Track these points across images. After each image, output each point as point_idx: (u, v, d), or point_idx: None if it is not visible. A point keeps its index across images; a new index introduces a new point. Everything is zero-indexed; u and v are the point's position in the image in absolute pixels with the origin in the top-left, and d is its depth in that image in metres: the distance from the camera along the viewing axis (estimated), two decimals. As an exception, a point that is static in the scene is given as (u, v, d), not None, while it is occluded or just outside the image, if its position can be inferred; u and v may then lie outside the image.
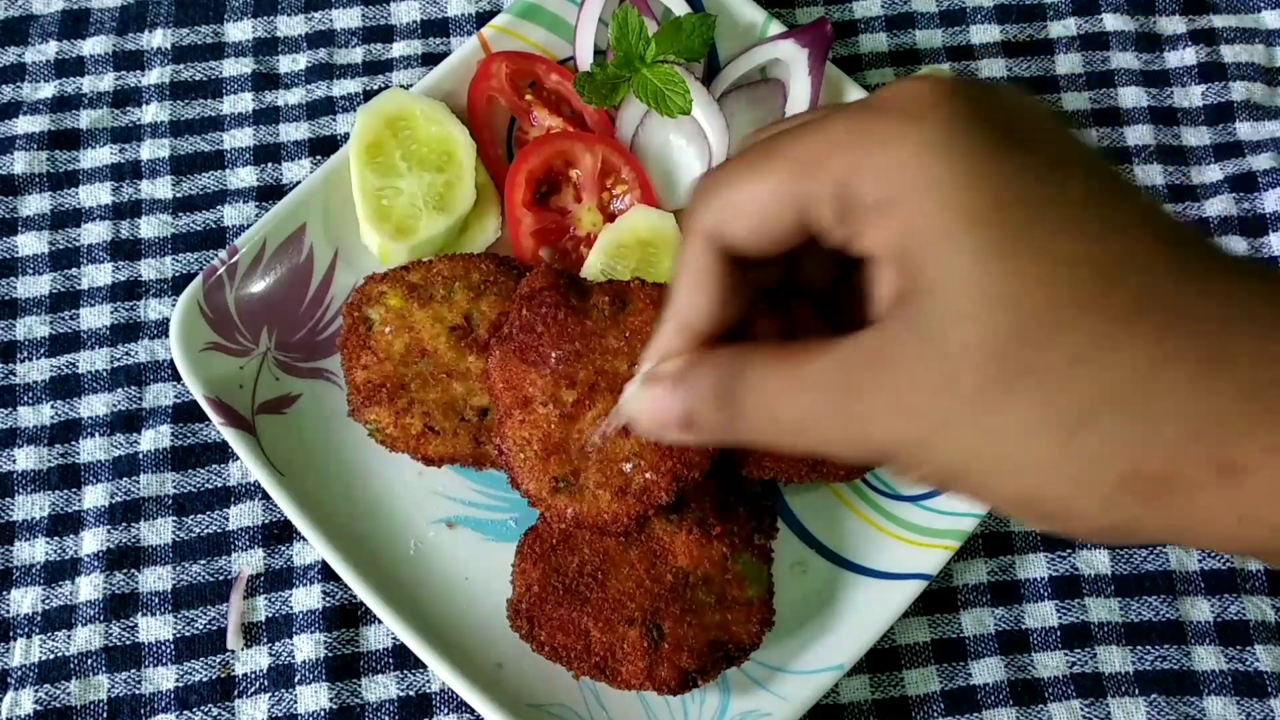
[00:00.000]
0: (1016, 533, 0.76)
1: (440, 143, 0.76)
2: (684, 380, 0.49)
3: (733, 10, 0.82)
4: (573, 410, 0.65)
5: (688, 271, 0.49)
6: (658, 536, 0.67)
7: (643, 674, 0.64)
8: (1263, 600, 0.74)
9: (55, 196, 0.84)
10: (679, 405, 0.49)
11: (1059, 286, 0.38)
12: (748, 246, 0.47)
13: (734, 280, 0.49)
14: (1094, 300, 0.38)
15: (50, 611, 0.74)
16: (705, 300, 0.49)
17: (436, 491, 0.74)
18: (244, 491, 0.76)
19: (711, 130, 0.77)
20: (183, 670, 0.73)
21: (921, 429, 0.41)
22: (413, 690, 0.72)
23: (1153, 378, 0.37)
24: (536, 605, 0.66)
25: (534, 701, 0.68)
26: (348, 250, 0.77)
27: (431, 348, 0.70)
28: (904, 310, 0.41)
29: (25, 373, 0.79)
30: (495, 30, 0.80)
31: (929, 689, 0.73)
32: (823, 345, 0.44)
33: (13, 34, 0.88)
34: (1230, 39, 0.88)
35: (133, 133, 0.85)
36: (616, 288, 0.68)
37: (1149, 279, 0.38)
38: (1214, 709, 0.72)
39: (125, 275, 0.81)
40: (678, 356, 0.50)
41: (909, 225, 0.40)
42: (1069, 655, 0.73)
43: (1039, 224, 0.39)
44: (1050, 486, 0.39)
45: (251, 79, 0.87)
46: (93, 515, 0.76)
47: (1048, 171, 0.40)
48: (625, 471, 0.64)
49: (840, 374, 0.43)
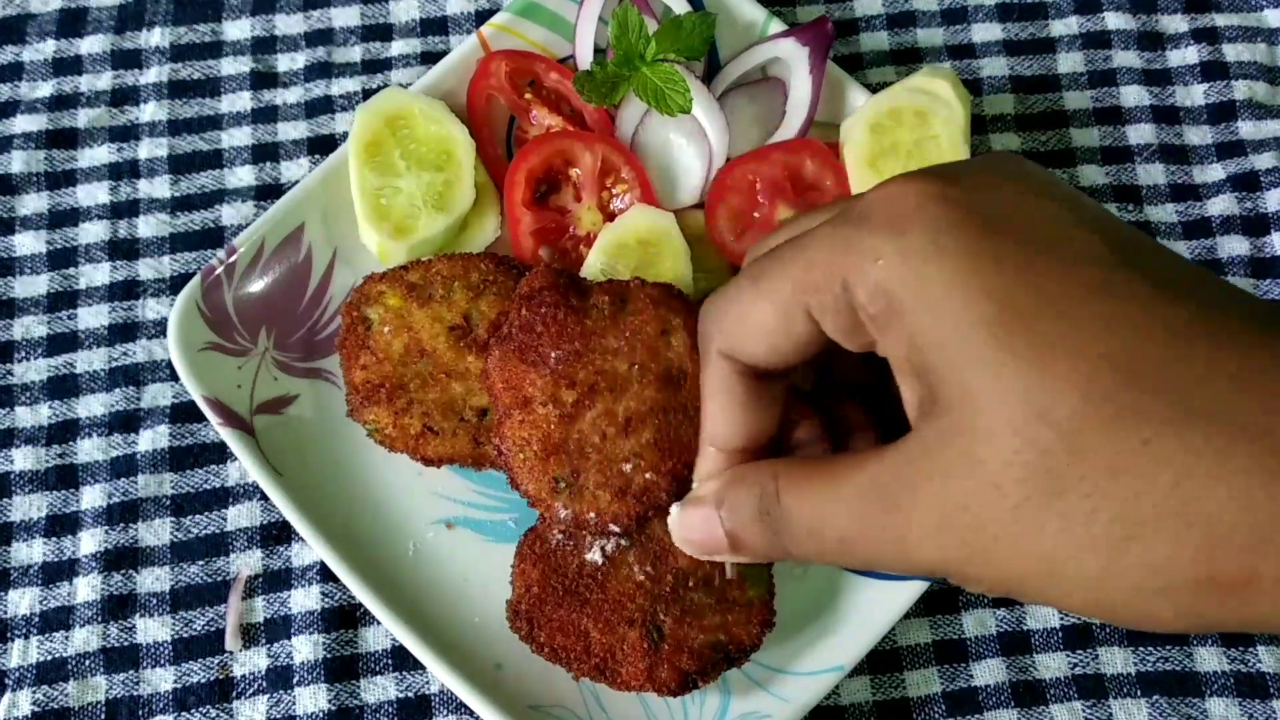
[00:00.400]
0: (1018, 533, 0.76)
1: (439, 142, 0.76)
2: (723, 503, 0.49)
3: (733, 8, 0.82)
4: (572, 410, 0.65)
5: (712, 395, 0.49)
6: (658, 537, 0.66)
7: (643, 675, 0.64)
8: (1265, 601, 0.74)
9: (53, 196, 0.83)
10: (722, 528, 0.49)
11: (1088, 394, 0.37)
12: (767, 362, 0.47)
13: (760, 393, 0.49)
14: (1127, 406, 0.37)
15: (48, 612, 0.74)
16: (734, 420, 0.49)
17: (435, 492, 0.73)
18: (242, 492, 0.76)
19: (712, 129, 0.77)
20: (181, 671, 0.72)
21: (969, 549, 0.40)
22: (412, 692, 0.72)
23: (1208, 483, 0.36)
24: (536, 606, 0.66)
25: (533, 703, 0.68)
26: (346, 250, 0.77)
27: (430, 348, 0.69)
28: (933, 424, 0.40)
29: (23, 373, 0.79)
30: (494, 28, 0.80)
31: (930, 690, 0.72)
32: (857, 461, 0.43)
33: (10, 32, 0.88)
34: (1232, 38, 0.88)
35: (131, 132, 0.85)
36: (616, 287, 0.68)
37: (1190, 380, 0.37)
38: (1216, 710, 0.72)
39: (123, 275, 0.81)
40: (716, 477, 0.49)
41: (915, 338, 0.40)
42: (1070, 656, 0.73)
43: (1052, 326, 0.37)
44: (1114, 595, 0.39)
45: (250, 78, 0.87)
46: (90, 516, 0.75)
47: (1050, 264, 0.38)
48: (625, 471, 0.64)
49: (875, 490, 0.42)
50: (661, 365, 0.65)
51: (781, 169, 0.76)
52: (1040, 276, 0.38)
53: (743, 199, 0.77)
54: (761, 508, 0.47)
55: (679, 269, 0.73)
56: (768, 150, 0.77)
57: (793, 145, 0.77)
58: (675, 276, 0.73)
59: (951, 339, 0.39)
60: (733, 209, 0.76)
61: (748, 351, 0.47)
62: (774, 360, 0.47)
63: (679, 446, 0.64)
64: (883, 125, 0.76)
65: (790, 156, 0.76)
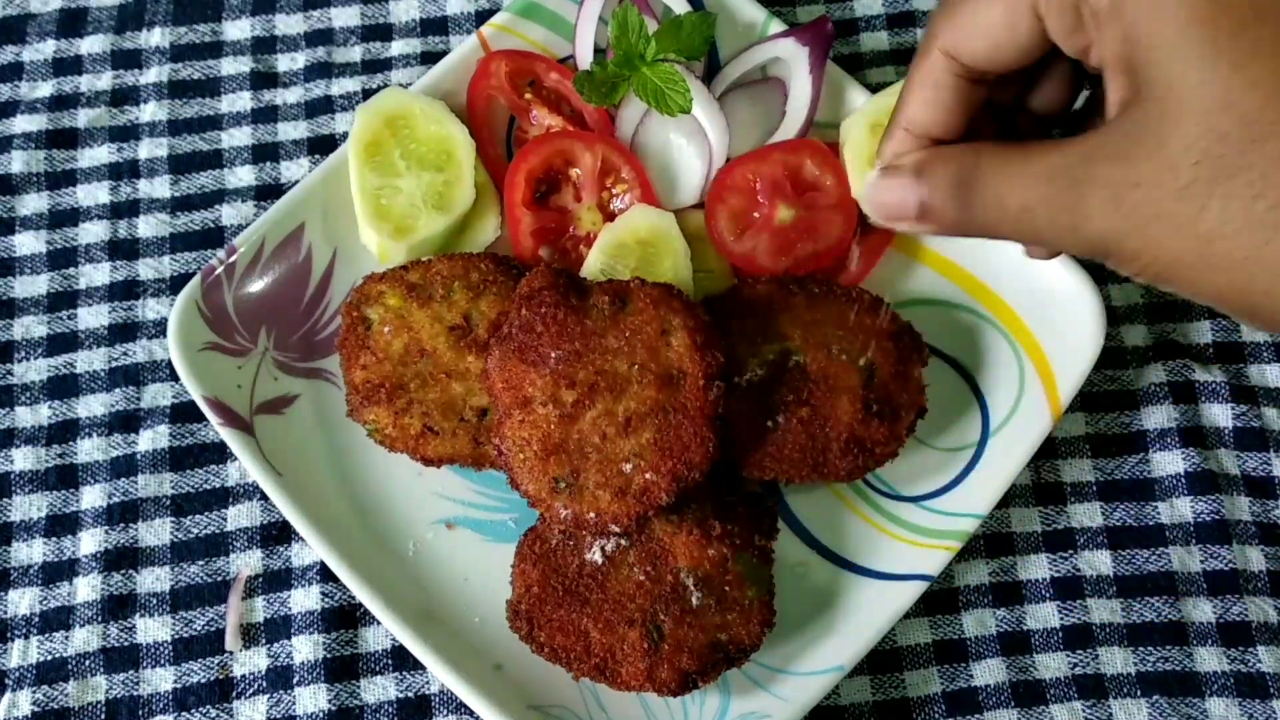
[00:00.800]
0: (1018, 534, 0.76)
1: (439, 142, 0.76)
2: (923, 171, 0.52)
3: (733, 9, 0.82)
4: (572, 410, 0.65)
5: (921, 84, 0.52)
6: (658, 537, 0.66)
7: (643, 675, 0.64)
8: (1265, 601, 0.74)
9: (53, 196, 0.83)
10: (916, 195, 0.52)
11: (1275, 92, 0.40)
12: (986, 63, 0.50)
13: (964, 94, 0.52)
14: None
15: (48, 612, 0.74)
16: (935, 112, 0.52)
17: (435, 492, 0.73)
18: (242, 492, 0.76)
19: (712, 129, 0.77)
20: (181, 671, 0.72)
21: (1133, 221, 0.44)
22: (412, 691, 0.72)
23: None
24: (536, 606, 0.66)
25: (533, 703, 0.68)
26: (346, 250, 0.77)
27: (430, 347, 0.69)
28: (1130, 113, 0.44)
29: (23, 373, 0.79)
30: (494, 29, 0.80)
31: (930, 690, 0.72)
32: (1054, 144, 0.47)
33: (10, 33, 0.88)
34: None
35: (131, 132, 0.85)
36: (616, 287, 0.68)
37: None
38: (1216, 710, 0.72)
39: (123, 275, 0.81)
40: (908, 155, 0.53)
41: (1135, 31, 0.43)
42: (1071, 656, 0.73)
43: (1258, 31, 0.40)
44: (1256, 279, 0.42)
45: (250, 78, 0.87)
46: (90, 516, 0.75)
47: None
48: (625, 472, 0.64)
49: (1065, 168, 0.46)
50: (661, 365, 0.65)
51: (781, 169, 0.76)
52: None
53: (743, 199, 0.77)
54: (960, 179, 0.50)
55: (679, 269, 0.73)
56: (767, 150, 0.77)
57: (792, 145, 0.77)
58: (675, 276, 0.73)
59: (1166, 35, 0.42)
60: (733, 209, 0.76)
61: (969, 48, 0.50)
62: (992, 60, 0.50)
63: (679, 446, 0.64)
64: (883, 125, 0.75)
65: (790, 156, 0.76)
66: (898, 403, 0.69)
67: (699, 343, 0.66)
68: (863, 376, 0.69)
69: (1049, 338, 0.74)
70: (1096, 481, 0.77)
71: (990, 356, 0.76)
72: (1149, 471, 0.77)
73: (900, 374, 0.69)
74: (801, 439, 0.68)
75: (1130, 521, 0.76)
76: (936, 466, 0.74)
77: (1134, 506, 0.76)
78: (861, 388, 0.68)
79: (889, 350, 0.69)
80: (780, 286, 0.72)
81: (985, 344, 0.76)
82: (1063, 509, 0.76)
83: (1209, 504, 0.75)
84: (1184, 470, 0.76)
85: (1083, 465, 0.77)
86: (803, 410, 0.68)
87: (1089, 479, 0.77)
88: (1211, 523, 0.75)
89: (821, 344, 0.69)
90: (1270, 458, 0.77)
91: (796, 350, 0.69)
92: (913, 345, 0.71)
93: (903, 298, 0.77)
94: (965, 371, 0.76)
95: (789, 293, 0.71)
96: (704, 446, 0.64)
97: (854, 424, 0.68)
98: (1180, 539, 0.75)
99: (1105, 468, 0.77)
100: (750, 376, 0.69)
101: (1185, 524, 0.75)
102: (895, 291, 0.77)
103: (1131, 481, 0.77)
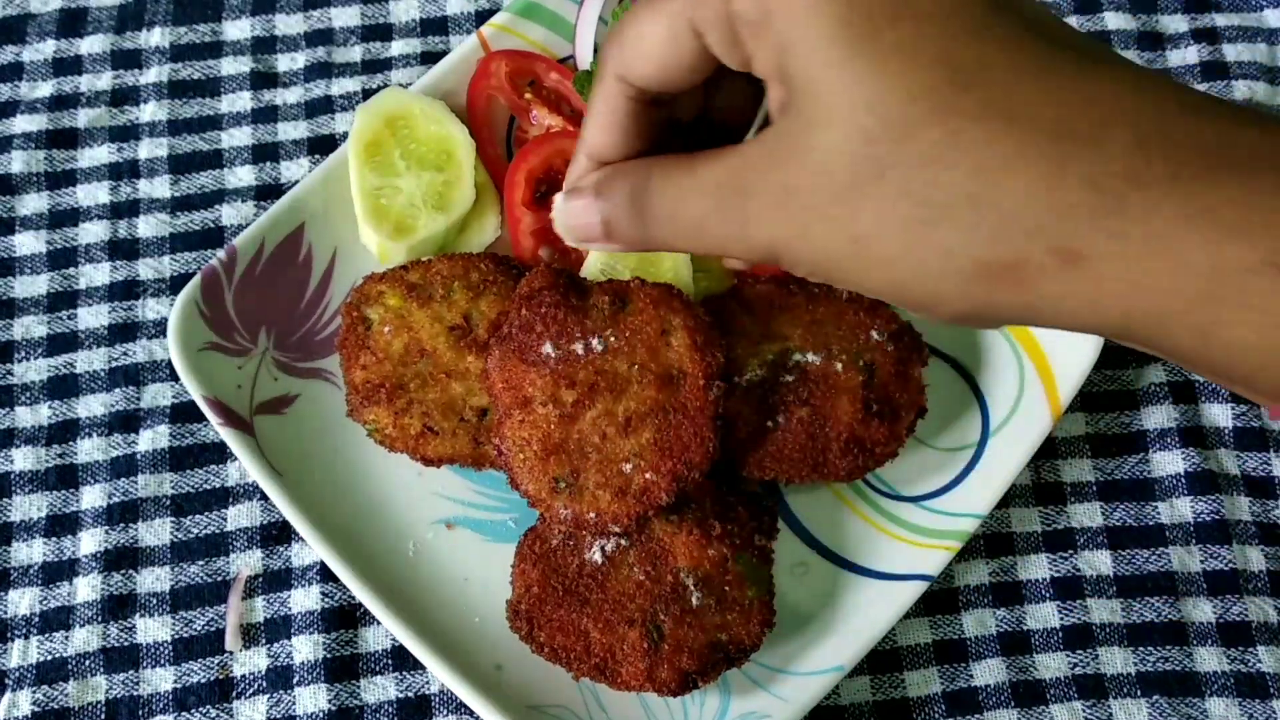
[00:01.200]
0: (1018, 534, 0.76)
1: (439, 142, 0.76)
2: (602, 190, 0.52)
3: (733, 9, 0.81)
4: (572, 410, 0.65)
5: (598, 111, 0.52)
6: (658, 537, 0.66)
7: (643, 675, 0.64)
8: (1265, 601, 0.74)
9: (53, 196, 0.83)
10: (598, 213, 0.52)
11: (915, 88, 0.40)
12: (658, 84, 0.50)
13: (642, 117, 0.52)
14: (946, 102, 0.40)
15: (48, 612, 0.74)
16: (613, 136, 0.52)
17: (436, 492, 0.73)
18: (242, 492, 0.76)
19: (712, 129, 0.77)
20: (181, 671, 0.72)
21: (795, 227, 0.45)
22: (412, 692, 0.72)
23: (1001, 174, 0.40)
24: (536, 606, 0.66)
25: (534, 703, 0.68)
26: (346, 250, 0.77)
27: (430, 348, 0.69)
28: (785, 120, 0.44)
29: (23, 373, 0.79)
30: (494, 28, 0.80)
31: (930, 690, 0.72)
32: (718, 153, 0.48)
33: (10, 32, 0.88)
34: (1232, 38, 0.88)
35: (131, 132, 0.85)
36: (616, 287, 0.68)
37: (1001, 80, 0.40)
38: (1216, 710, 0.72)
39: (123, 275, 0.81)
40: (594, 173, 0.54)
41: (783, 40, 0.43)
42: (1071, 656, 0.73)
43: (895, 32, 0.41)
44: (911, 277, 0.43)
45: (250, 78, 0.87)
46: (90, 516, 0.75)
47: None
48: (625, 472, 0.64)
49: (729, 177, 0.47)
50: (661, 365, 0.65)
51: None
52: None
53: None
54: (634, 193, 0.51)
55: (679, 269, 0.73)
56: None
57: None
58: (675, 276, 0.73)
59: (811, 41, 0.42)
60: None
61: (639, 72, 0.50)
62: (663, 81, 0.50)
63: (679, 446, 0.64)
64: None
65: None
66: (898, 403, 0.69)
67: (699, 343, 0.66)
68: (863, 376, 0.69)
69: (1049, 338, 0.74)
70: (1096, 481, 0.77)
71: (990, 356, 0.76)
72: (1149, 471, 0.77)
73: (900, 374, 0.69)
74: (801, 439, 0.68)
75: (1130, 521, 0.76)
76: (936, 466, 0.74)
77: (1134, 506, 0.76)
78: (861, 388, 0.68)
79: (889, 350, 0.69)
80: (780, 286, 0.72)
81: (985, 344, 0.76)
82: (1063, 509, 0.76)
83: (1209, 504, 0.75)
84: (1184, 470, 0.76)
85: (1083, 465, 0.77)
86: (803, 410, 0.68)
87: (1089, 479, 0.77)
88: (1211, 523, 0.75)
89: (821, 344, 0.69)
90: (1270, 458, 0.77)
91: (796, 350, 0.69)
92: (913, 345, 0.71)
93: (903, 298, 0.76)
94: (965, 371, 0.76)
95: (789, 293, 0.71)
96: (704, 446, 0.64)
97: (854, 424, 0.68)
98: (1180, 539, 0.75)
99: (1105, 468, 0.77)
100: (750, 376, 0.69)
101: (1185, 524, 0.75)
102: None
103: (1131, 481, 0.77)
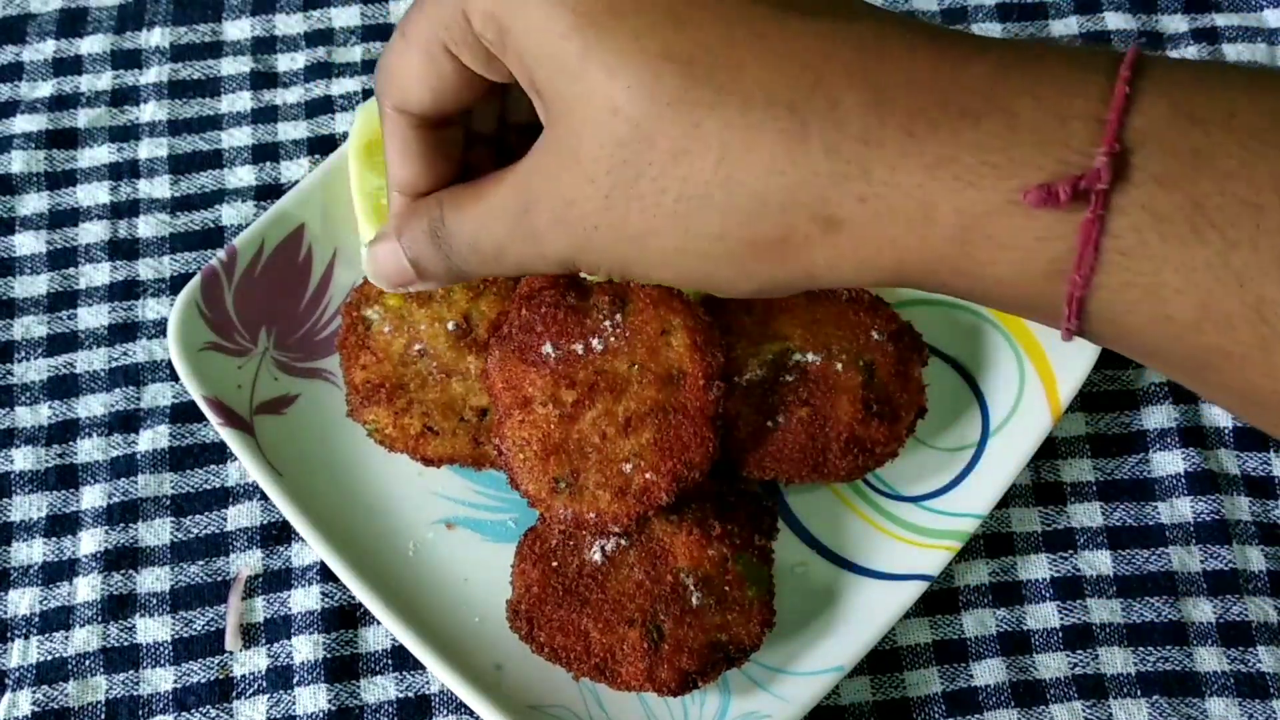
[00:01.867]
0: (1018, 534, 0.76)
1: (439, 142, 0.76)
2: (402, 231, 0.52)
3: (733, 9, 0.81)
4: (572, 410, 0.65)
5: (391, 145, 0.52)
6: (658, 537, 0.66)
7: (643, 675, 0.64)
8: (1265, 601, 0.74)
9: (53, 196, 0.83)
10: (404, 255, 0.52)
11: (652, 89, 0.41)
12: (437, 108, 0.49)
13: (436, 141, 0.51)
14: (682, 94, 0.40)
15: (48, 612, 0.74)
16: (414, 165, 0.52)
17: (436, 492, 0.73)
18: (242, 492, 0.76)
19: (711, 129, 0.77)
20: (181, 671, 0.72)
21: (579, 237, 0.45)
22: (412, 692, 0.72)
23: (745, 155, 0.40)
24: (536, 606, 0.66)
25: (534, 703, 0.68)
26: (347, 250, 0.77)
27: (430, 347, 0.69)
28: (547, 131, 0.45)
29: (22, 373, 0.79)
30: (494, 29, 0.80)
31: (930, 690, 0.72)
32: (501, 175, 0.48)
33: (10, 32, 0.88)
34: (1232, 38, 0.88)
35: (130, 132, 0.85)
36: (616, 288, 0.68)
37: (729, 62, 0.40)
38: (1216, 710, 0.72)
39: (123, 275, 0.81)
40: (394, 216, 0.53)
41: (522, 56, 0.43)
42: (1071, 656, 0.73)
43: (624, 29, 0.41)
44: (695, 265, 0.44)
45: (250, 78, 0.87)
46: (90, 516, 0.75)
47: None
48: (625, 472, 0.64)
49: (513, 197, 0.47)
50: (661, 365, 0.65)
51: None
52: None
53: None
54: (431, 229, 0.51)
55: (679, 269, 0.73)
56: (768, 150, 0.77)
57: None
58: (675, 276, 0.73)
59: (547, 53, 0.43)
60: (733, 209, 0.76)
61: (414, 101, 0.50)
62: (441, 105, 0.50)
63: (679, 446, 0.64)
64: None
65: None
66: (898, 403, 0.69)
67: (699, 343, 0.66)
68: (863, 376, 0.69)
69: (1049, 338, 0.74)
70: (1096, 481, 0.77)
71: (990, 356, 0.76)
72: (1149, 471, 0.77)
73: (900, 374, 0.69)
74: (801, 439, 0.68)
75: (1130, 521, 0.76)
76: (936, 466, 0.74)
77: (1134, 506, 0.76)
78: (861, 388, 0.68)
79: (889, 350, 0.69)
80: (780, 286, 0.72)
81: (985, 344, 0.76)
82: (1063, 509, 0.76)
83: (1209, 504, 0.75)
84: (1184, 470, 0.76)
85: (1083, 465, 0.77)
86: (803, 410, 0.68)
87: (1089, 479, 0.77)
88: (1211, 523, 0.75)
89: (821, 344, 0.69)
90: (1270, 458, 0.77)
91: (796, 350, 0.69)
92: (913, 345, 0.71)
93: (903, 298, 0.77)
94: (965, 371, 0.76)
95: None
96: (704, 446, 0.64)
97: (854, 424, 0.68)
98: (1180, 539, 0.75)
99: (1105, 468, 0.77)
100: (750, 376, 0.69)
101: (1185, 524, 0.76)
102: (895, 291, 0.77)
103: (1131, 481, 0.77)
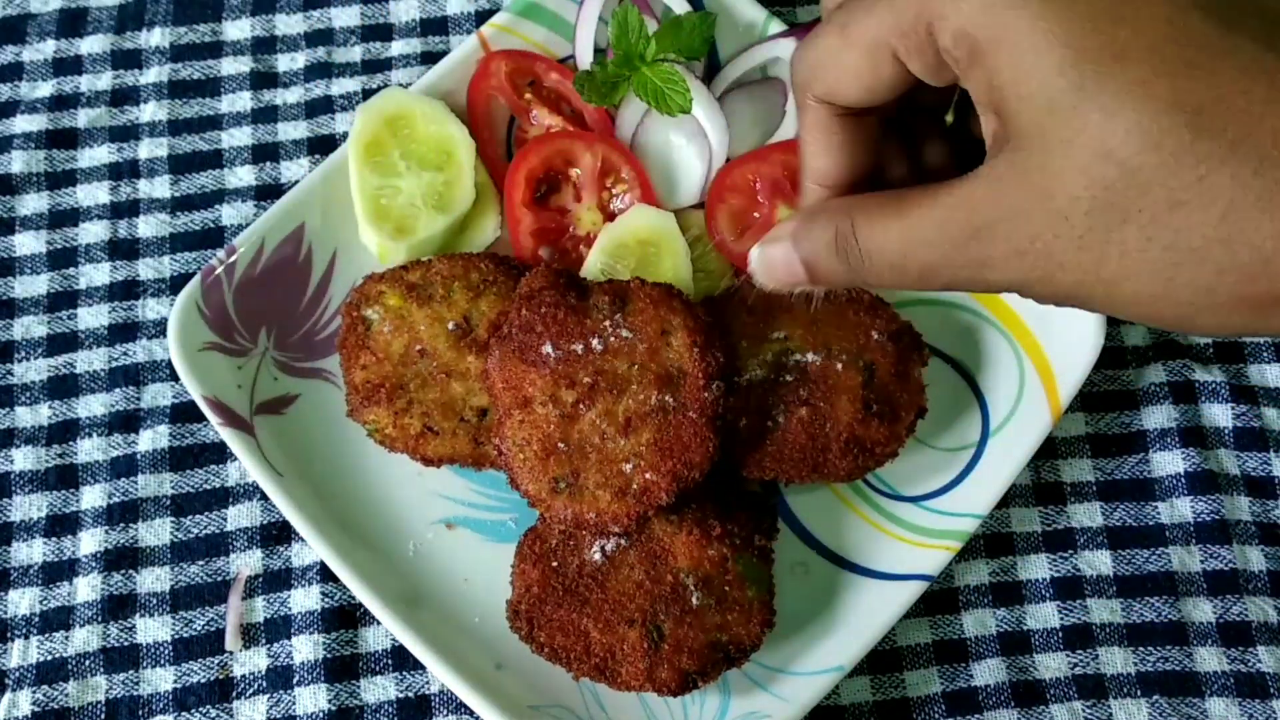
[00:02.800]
0: (1018, 534, 0.76)
1: (439, 142, 0.76)
2: (800, 235, 0.52)
3: (733, 9, 0.81)
4: (572, 410, 0.65)
5: (810, 136, 0.53)
6: (658, 537, 0.66)
7: (643, 675, 0.64)
8: (1265, 601, 0.74)
9: (53, 196, 0.83)
10: (798, 258, 0.53)
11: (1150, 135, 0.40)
12: (861, 102, 0.50)
13: (855, 130, 0.52)
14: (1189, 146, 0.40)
15: (48, 612, 0.73)
16: (833, 158, 0.53)
17: (436, 492, 0.73)
18: (242, 492, 0.76)
19: (712, 129, 0.77)
20: (181, 671, 0.72)
21: (1039, 272, 0.45)
22: (412, 692, 0.72)
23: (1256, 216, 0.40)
24: (536, 606, 0.66)
25: (533, 703, 0.68)
26: (346, 250, 0.77)
27: (430, 348, 0.69)
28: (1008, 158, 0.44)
29: (23, 373, 0.79)
30: (495, 29, 0.80)
31: (930, 690, 0.72)
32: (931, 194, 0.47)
33: (10, 33, 0.88)
34: None
35: (131, 132, 0.85)
36: (616, 287, 0.68)
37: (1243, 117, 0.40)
38: (1216, 710, 0.72)
39: (123, 275, 0.81)
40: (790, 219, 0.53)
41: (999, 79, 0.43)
42: (1071, 656, 0.73)
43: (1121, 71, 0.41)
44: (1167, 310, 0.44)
45: (250, 78, 0.87)
46: (90, 516, 0.75)
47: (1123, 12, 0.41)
48: (625, 472, 0.64)
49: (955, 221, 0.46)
50: (661, 365, 0.65)
51: (781, 169, 0.76)
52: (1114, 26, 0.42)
53: (743, 199, 0.77)
54: (838, 242, 0.51)
55: (679, 269, 0.73)
56: (768, 150, 0.77)
57: (793, 145, 0.77)
58: (675, 276, 0.73)
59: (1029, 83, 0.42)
60: (733, 209, 0.76)
61: (843, 93, 0.50)
62: (867, 99, 0.50)
63: (679, 446, 0.64)
64: None
65: (790, 156, 0.76)
66: (898, 403, 0.69)
67: (699, 343, 0.66)
68: (863, 376, 0.69)
69: (1049, 338, 0.74)
70: (1096, 481, 0.77)
71: (990, 356, 0.76)
72: (1149, 471, 0.77)
73: (900, 374, 0.69)
74: (801, 439, 0.68)
75: (1130, 521, 0.76)
76: (936, 466, 0.74)
77: (1134, 506, 0.76)
78: (861, 388, 0.68)
79: (889, 350, 0.69)
80: (780, 286, 0.72)
81: (985, 344, 0.76)
82: (1063, 509, 0.76)
83: (1209, 504, 0.75)
84: (1184, 470, 0.76)
85: (1083, 465, 0.77)
86: (803, 410, 0.68)
87: (1089, 479, 0.77)
88: (1211, 523, 0.75)
89: (821, 344, 0.69)
90: (1270, 458, 0.77)
91: (796, 350, 0.69)
92: (913, 345, 0.71)
93: (903, 298, 0.77)
94: (965, 371, 0.76)
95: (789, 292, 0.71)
96: (704, 446, 0.64)
97: (854, 424, 0.68)
98: (1180, 539, 0.75)
99: (1105, 468, 0.77)
100: (750, 376, 0.69)
101: (1185, 524, 0.75)
102: (895, 291, 0.77)
103: (1131, 481, 0.77)
